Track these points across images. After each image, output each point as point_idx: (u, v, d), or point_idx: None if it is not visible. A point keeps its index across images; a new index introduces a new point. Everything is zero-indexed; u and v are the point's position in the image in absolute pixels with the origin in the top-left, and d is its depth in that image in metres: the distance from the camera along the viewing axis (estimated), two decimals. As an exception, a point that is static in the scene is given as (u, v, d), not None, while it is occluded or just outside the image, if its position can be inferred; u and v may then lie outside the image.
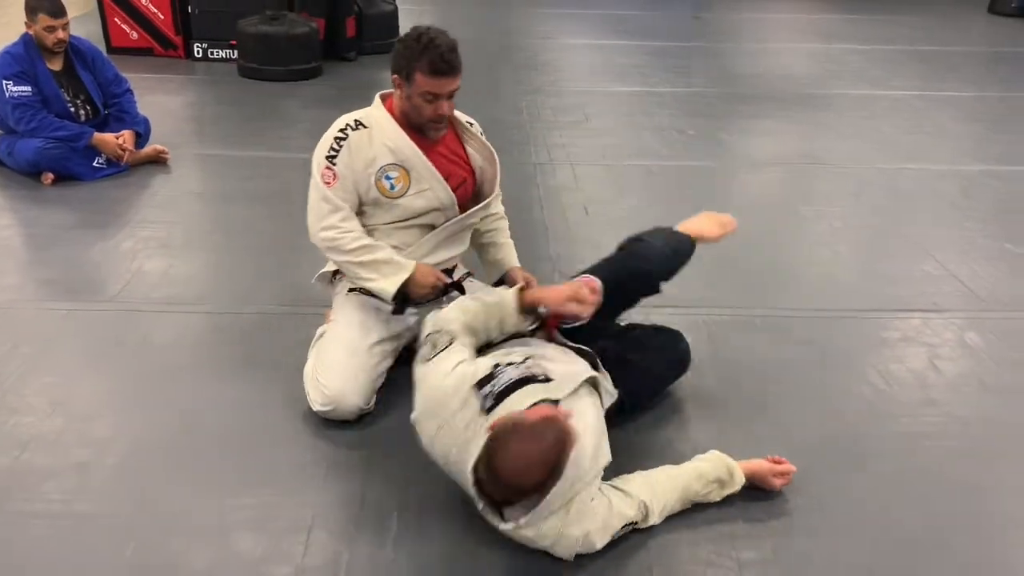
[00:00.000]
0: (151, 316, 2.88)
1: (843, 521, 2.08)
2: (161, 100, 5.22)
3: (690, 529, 2.03)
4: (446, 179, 2.41)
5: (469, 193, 2.54)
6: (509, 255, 2.66)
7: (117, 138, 4.04)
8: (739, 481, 2.08)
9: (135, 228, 3.54)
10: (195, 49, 6.24)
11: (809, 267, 3.42)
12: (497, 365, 1.93)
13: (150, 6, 6.14)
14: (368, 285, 2.36)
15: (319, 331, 2.56)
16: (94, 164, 4.01)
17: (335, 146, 2.34)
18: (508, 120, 5.14)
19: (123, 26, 6.21)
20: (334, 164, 2.33)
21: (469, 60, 2.41)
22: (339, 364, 2.33)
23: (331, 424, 2.34)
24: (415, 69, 2.26)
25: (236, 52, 6.01)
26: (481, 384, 1.86)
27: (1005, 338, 2.91)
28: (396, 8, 6.89)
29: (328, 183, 2.34)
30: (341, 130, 2.36)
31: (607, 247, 2.44)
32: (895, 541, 2.03)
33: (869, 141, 5.02)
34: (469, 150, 2.53)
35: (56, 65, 3.98)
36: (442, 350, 1.98)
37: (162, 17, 6.18)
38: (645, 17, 8.53)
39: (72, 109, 4.03)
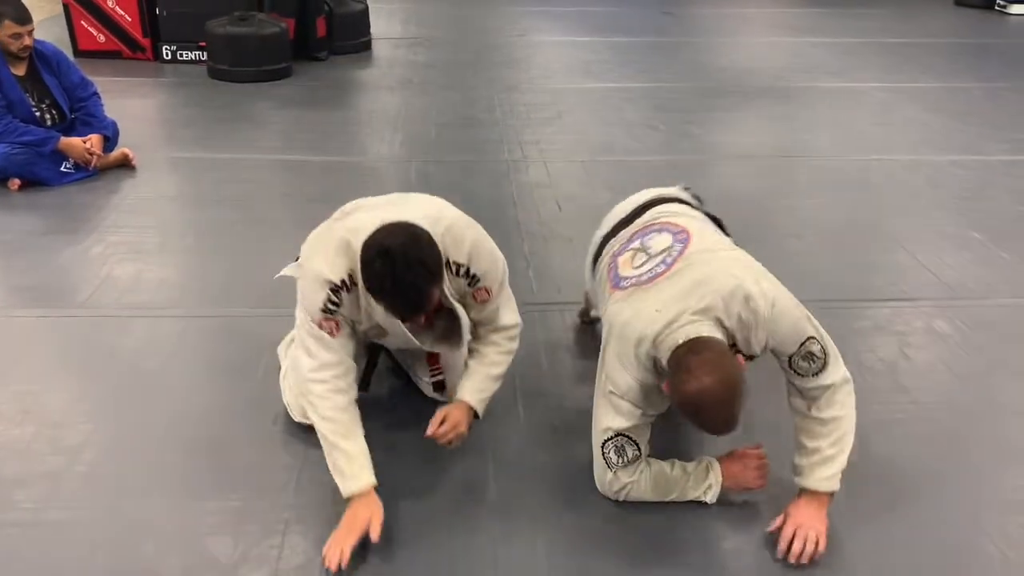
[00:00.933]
0: (121, 322, 2.86)
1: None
2: (130, 103, 5.18)
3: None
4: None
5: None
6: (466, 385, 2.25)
7: (84, 142, 4.00)
8: (716, 478, 2.10)
9: (104, 233, 3.50)
10: (163, 51, 6.18)
11: (781, 258, 3.41)
12: None
13: (117, 8, 6.07)
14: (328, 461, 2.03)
15: (288, 337, 2.54)
16: (61, 169, 3.97)
17: (333, 299, 1.99)
18: (482, 118, 5.14)
19: (90, 29, 6.14)
20: (333, 314, 2.00)
21: (444, 59, 2.40)
22: None
23: (304, 426, 2.33)
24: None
25: (205, 54, 5.97)
26: None
27: (973, 325, 2.96)
28: (367, 7, 6.87)
29: (332, 334, 2.02)
30: (333, 290, 1.98)
31: (580, 243, 2.46)
32: (865, 526, 2.06)
33: (838, 133, 5.07)
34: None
35: (20, 70, 3.93)
36: None
37: (129, 19, 6.12)
38: (616, 14, 8.55)
39: (38, 114, 3.98)
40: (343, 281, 1.96)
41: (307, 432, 2.31)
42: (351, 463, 1.97)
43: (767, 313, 1.87)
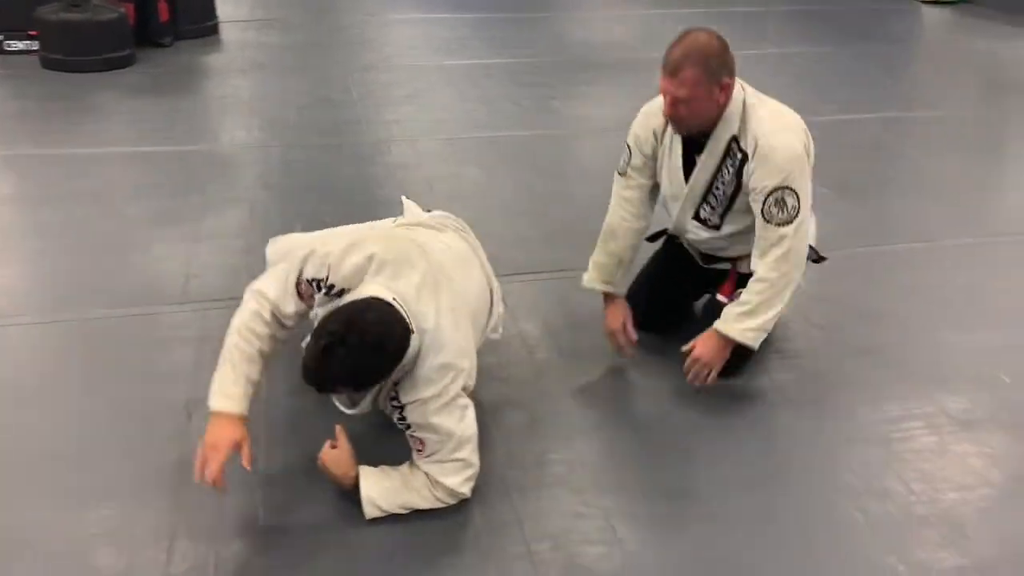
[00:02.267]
0: (-31, 333, 2.67)
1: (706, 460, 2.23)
2: (-48, 99, 4.79)
3: (549, 487, 2.11)
4: None
5: None
6: None
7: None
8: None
9: (-61, 240, 3.25)
10: (-13, 41, 5.72)
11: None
12: None
13: (-71, -4, 5.57)
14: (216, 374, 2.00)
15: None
16: None
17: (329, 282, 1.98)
18: (339, 99, 5.04)
19: (-101, 19, 5.60)
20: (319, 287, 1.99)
21: (295, 40, 2.34)
22: None
23: (183, 426, 2.25)
24: None
25: (38, 43, 5.56)
26: None
27: (819, 276, 3.16)
28: (211, -11, 6.58)
29: (301, 297, 2.01)
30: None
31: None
32: (739, 468, 2.19)
33: (690, 101, 5.26)
34: None
35: None
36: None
37: (-55, 8, 5.62)
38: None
39: None
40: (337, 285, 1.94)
41: (187, 433, 2.24)
42: (236, 385, 1.93)
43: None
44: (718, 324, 2.31)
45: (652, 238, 2.74)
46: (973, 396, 2.49)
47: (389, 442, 2.11)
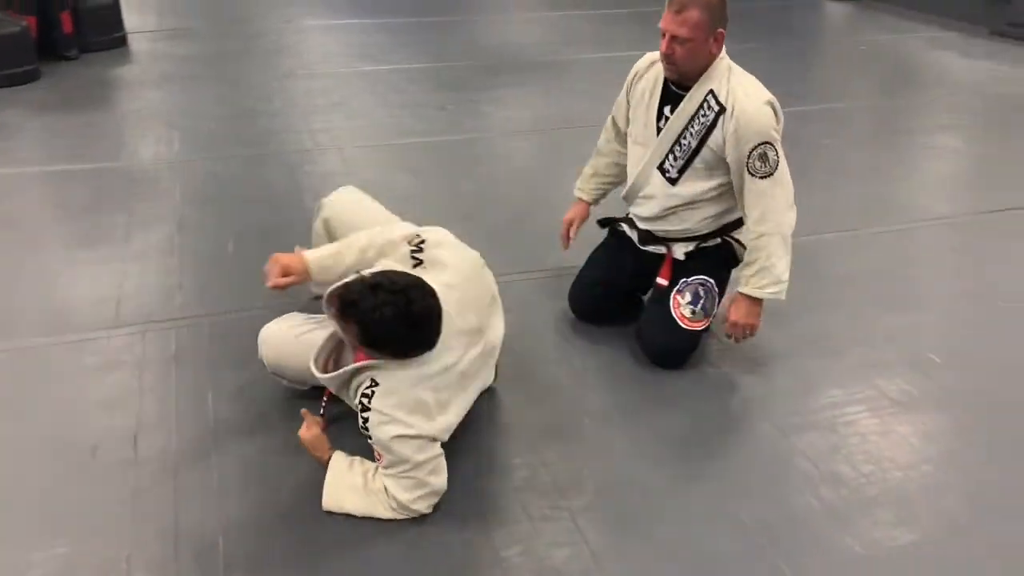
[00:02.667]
0: None
1: (653, 448, 2.26)
2: None
3: (515, 490, 2.11)
4: None
5: None
6: None
7: None
8: None
9: None
10: None
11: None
12: None
13: None
14: None
15: None
16: None
17: None
18: (261, 109, 4.93)
19: None
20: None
21: (209, 50, 2.28)
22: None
23: (128, 454, 2.17)
24: None
25: (-70, 59, 5.27)
26: None
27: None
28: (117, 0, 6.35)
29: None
30: None
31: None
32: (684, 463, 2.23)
33: (607, 101, 5.30)
34: None
35: None
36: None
37: None
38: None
39: None
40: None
41: (135, 462, 2.16)
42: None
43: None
44: (741, 288, 2.48)
45: (603, 223, 2.87)
46: (909, 377, 2.59)
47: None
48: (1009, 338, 2.82)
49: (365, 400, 1.94)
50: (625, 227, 2.80)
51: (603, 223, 2.89)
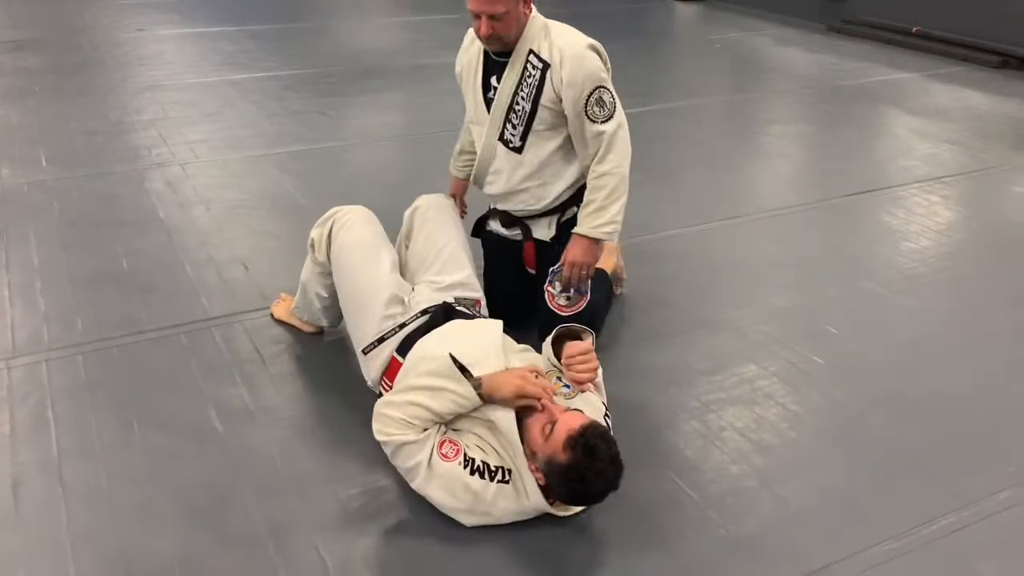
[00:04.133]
0: None
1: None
2: None
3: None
4: None
5: None
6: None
7: None
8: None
9: None
10: None
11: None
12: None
13: None
14: None
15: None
16: None
17: None
18: (132, 121, 4.71)
19: None
20: None
21: (62, 62, 2.18)
22: None
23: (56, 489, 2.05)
24: None
25: None
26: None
27: (653, 257, 3.40)
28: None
29: None
30: None
31: (287, 240, 2.40)
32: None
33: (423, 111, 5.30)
34: None
35: None
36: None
37: None
38: (237, 3, 8.22)
39: None
40: None
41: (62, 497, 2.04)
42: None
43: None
44: (576, 229, 2.48)
45: (475, 233, 2.87)
46: (812, 348, 2.79)
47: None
48: (890, 308, 3.08)
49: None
50: (493, 224, 2.80)
51: (475, 232, 2.85)
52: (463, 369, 1.98)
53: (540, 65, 2.40)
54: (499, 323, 2.26)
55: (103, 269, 3.13)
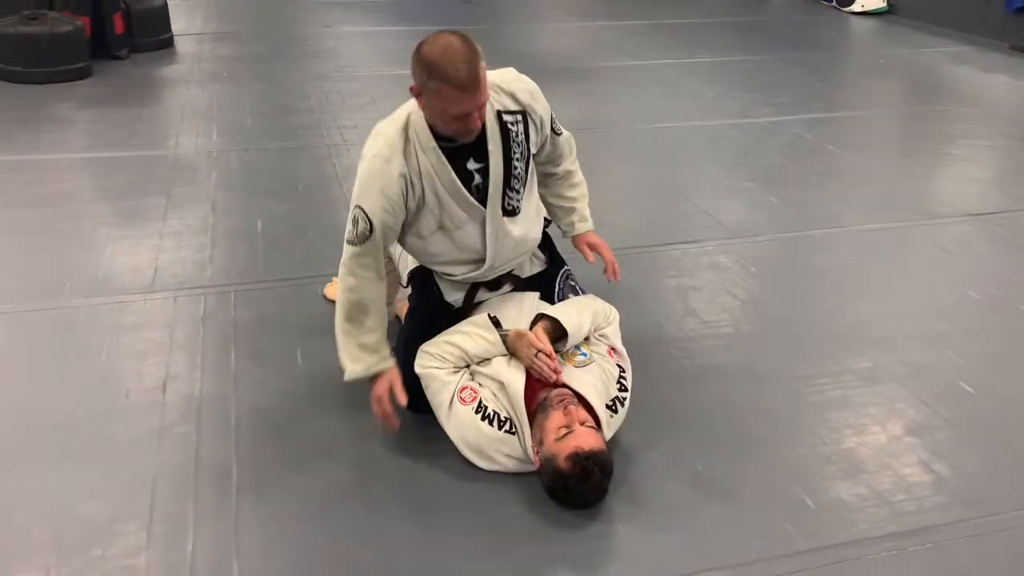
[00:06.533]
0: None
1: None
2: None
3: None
4: None
5: None
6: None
7: None
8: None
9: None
10: (-56, 54, 5.81)
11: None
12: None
13: None
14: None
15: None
16: None
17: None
18: (298, 106, 5.25)
19: None
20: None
21: (251, 52, 2.53)
22: None
23: (158, 397, 2.44)
24: None
25: (-6, 56, 5.67)
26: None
27: (747, 258, 3.45)
28: (166, 3, 6.74)
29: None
30: None
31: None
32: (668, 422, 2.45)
33: (629, 106, 5.58)
34: None
35: None
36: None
37: (-100, 21, 5.70)
38: (418, 4, 8.79)
39: None
40: None
41: (163, 404, 2.43)
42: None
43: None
44: (584, 225, 2.62)
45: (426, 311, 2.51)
46: (875, 356, 2.78)
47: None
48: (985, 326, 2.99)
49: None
50: (483, 295, 2.48)
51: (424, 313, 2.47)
52: (497, 323, 2.25)
53: (519, 116, 2.24)
54: (535, 295, 2.46)
55: (242, 228, 3.57)
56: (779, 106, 5.56)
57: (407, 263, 2.55)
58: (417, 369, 2.22)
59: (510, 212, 2.30)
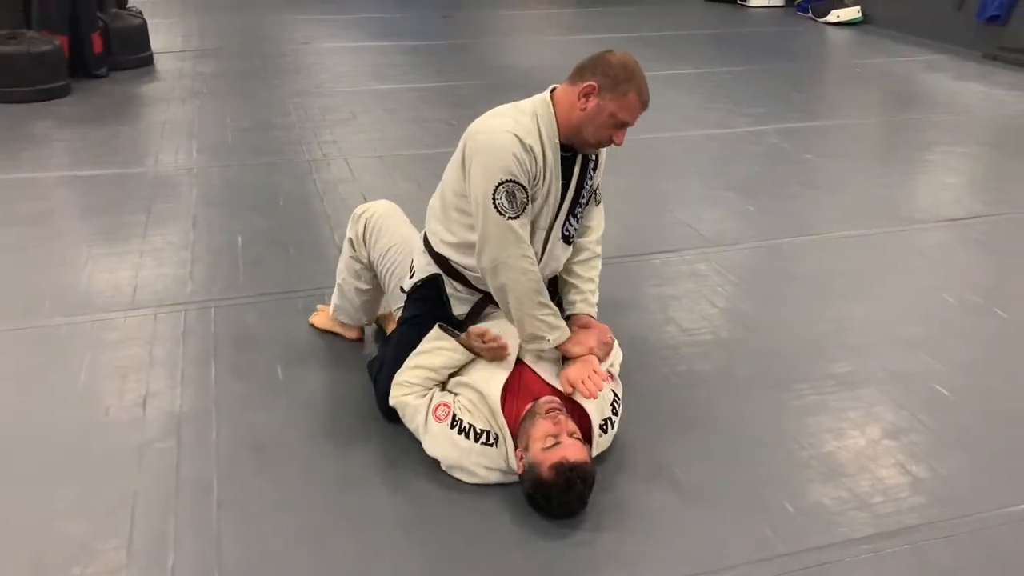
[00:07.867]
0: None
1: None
2: None
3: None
4: None
5: None
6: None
7: None
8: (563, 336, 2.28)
9: None
10: (-80, 74, 5.78)
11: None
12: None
13: None
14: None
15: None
16: None
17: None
18: (278, 121, 5.26)
19: None
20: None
21: (231, 69, 2.55)
22: None
23: (138, 414, 2.44)
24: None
25: (-30, 75, 5.65)
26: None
27: (726, 267, 3.48)
28: (144, 21, 6.75)
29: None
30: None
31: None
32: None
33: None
34: None
35: None
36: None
37: None
38: (397, 20, 8.85)
39: None
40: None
41: (142, 422, 2.42)
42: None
43: None
44: (588, 310, 2.47)
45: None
46: (853, 361, 2.81)
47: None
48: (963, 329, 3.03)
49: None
50: (458, 308, 2.45)
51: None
52: (450, 332, 2.27)
53: (595, 151, 2.36)
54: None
55: (222, 245, 3.57)
56: (757, 116, 5.63)
57: (404, 274, 2.54)
58: (391, 402, 2.25)
59: (568, 240, 2.38)
